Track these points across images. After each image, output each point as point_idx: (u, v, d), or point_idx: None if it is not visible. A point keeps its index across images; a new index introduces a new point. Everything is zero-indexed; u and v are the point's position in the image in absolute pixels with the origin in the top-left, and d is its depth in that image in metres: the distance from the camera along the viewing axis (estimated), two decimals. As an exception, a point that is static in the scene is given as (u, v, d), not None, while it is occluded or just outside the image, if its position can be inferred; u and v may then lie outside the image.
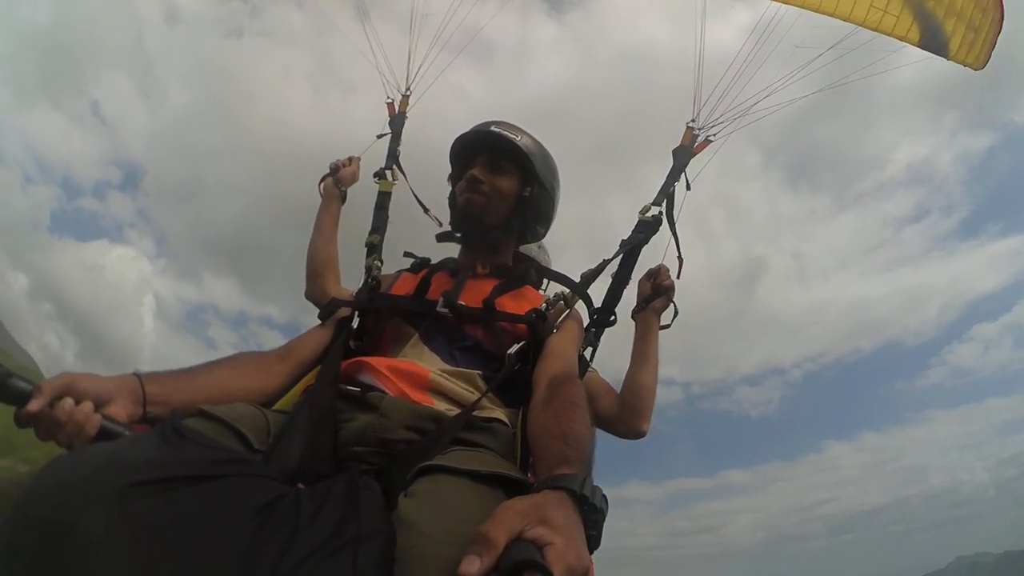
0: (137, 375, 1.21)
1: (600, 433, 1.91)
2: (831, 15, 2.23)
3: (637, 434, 1.90)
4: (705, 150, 2.07)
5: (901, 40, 2.24)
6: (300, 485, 0.98)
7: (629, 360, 1.97)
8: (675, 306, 1.98)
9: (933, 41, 2.30)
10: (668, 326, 1.98)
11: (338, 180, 2.18)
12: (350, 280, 2.01)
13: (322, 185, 2.21)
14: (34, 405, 1.02)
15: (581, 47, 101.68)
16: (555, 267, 1.97)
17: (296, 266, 2.08)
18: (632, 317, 1.99)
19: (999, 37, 2.29)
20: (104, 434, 1.06)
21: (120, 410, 1.12)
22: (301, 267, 2.05)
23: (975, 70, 2.39)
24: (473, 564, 0.68)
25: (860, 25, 2.20)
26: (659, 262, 2.00)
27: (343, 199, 2.19)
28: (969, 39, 2.31)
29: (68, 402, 1.05)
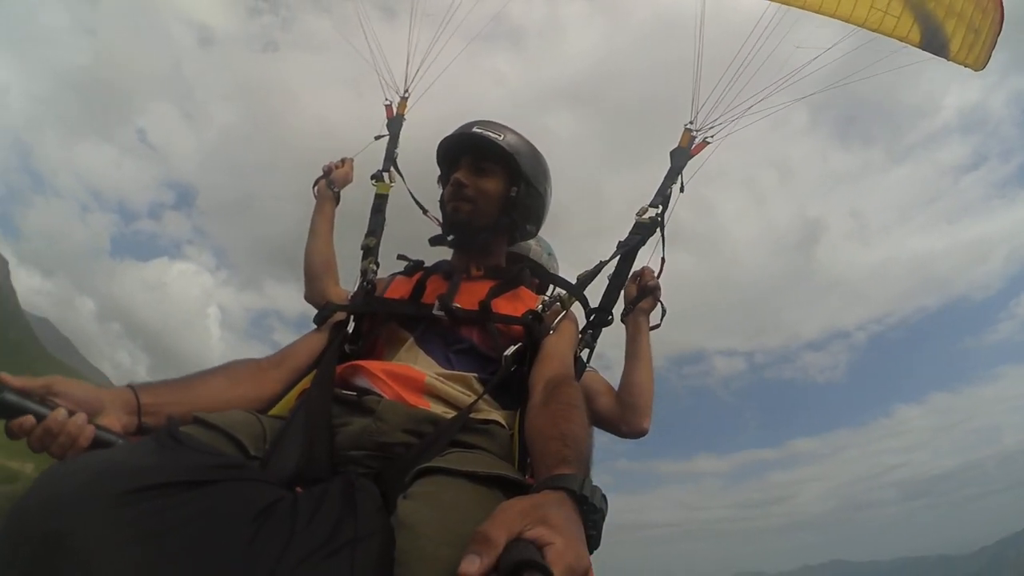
0: (131, 386, 1.21)
1: (661, 408, 1.92)
2: (832, 16, 2.23)
3: (639, 432, 1.89)
4: (703, 151, 2.07)
5: (901, 41, 2.24)
6: (298, 489, 0.98)
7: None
8: (663, 305, 1.98)
9: (933, 42, 2.30)
10: (658, 326, 1.98)
11: (331, 182, 2.19)
12: (348, 283, 1.98)
13: (316, 188, 2.21)
14: (28, 419, 1.02)
15: (613, 15, 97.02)
16: (599, 245, 1.92)
17: (352, 265, 2.00)
18: (622, 320, 1.99)
19: (999, 37, 2.29)
20: (98, 445, 1.06)
21: (114, 420, 1.12)
22: (357, 266, 1.99)
23: (975, 71, 2.40)
24: (473, 564, 0.68)
25: (860, 26, 2.20)
26: (645, 264, 2.00)
27: (337, 200, 2.20)
28: (969, 40, 2.32)
29: (61, 413, 1.05)
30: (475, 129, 1.70)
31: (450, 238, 1.76)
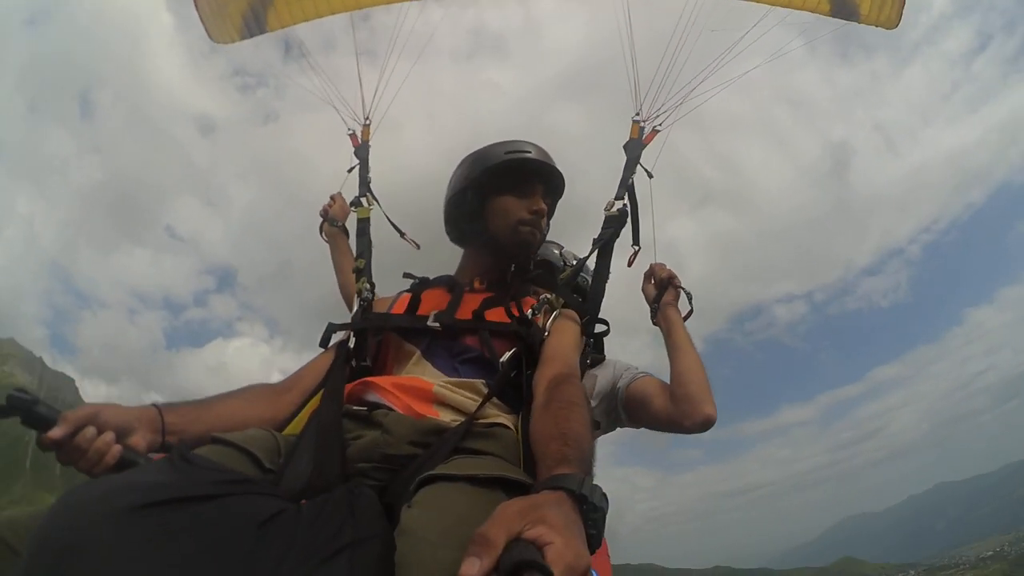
0: (156, 406, 1.28)
1: (732, 370, 1.83)
2: (742, -1, 2.33)
3: (703, 420, 1.74)
4: (656, 139, 2.09)
5: (812, 12, 2.35)
6: (304, 502, 1.01)
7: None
8: (686, 292, 1.97)
9: (842, 9, 2.42)
10: (690, 313, 1.96)
11: (333, 220, 2.40)
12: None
13: (323, 232, 2.42)
14: (56, 432, 1.10)
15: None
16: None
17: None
18: (653, 322, 1.98)
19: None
20: (123, 463, 1.14)
21: (140, 440, 1.20)
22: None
23: (888, 30, 2.52)
24: (473, 565, 0.68)
25: (770, 5, 2.30)
26: (652, 258, 2.02)
27: (346, 233, 2.38)
28: (879, 2, 2.44)
29: (90, 431, 1.12)
30: (556, 166, 1.80)
31: (508, 253, 1.81)
